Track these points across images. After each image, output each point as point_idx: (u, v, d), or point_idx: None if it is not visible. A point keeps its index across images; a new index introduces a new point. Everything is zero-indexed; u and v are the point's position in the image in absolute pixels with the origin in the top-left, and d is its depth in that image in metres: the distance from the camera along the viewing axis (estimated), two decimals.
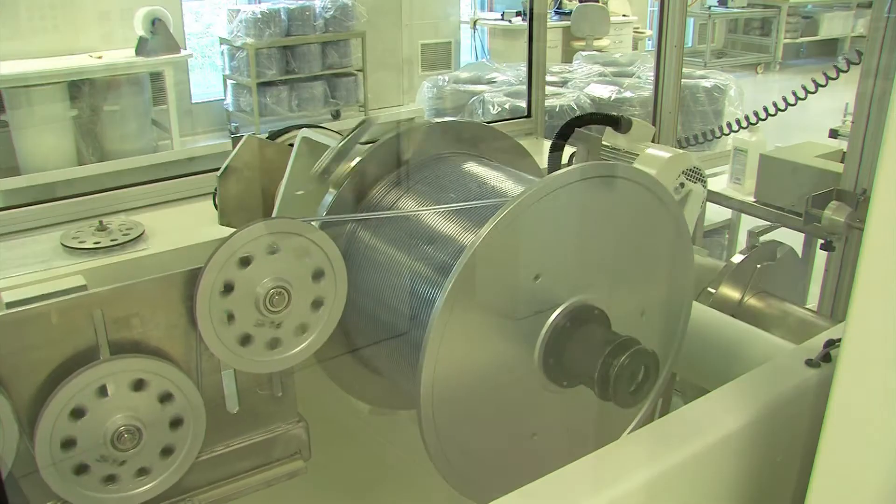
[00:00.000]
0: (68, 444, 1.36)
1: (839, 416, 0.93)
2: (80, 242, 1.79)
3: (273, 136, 1.82)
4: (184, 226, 1.99)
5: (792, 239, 2.94)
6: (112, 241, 1.80)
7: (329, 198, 1.45)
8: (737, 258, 1.93)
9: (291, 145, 1.66)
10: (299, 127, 1.69)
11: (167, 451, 1.44)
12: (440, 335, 1.08)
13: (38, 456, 1.33)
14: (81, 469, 1.37)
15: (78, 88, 5.66)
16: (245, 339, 1.43)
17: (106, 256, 1.79)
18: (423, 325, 1.10)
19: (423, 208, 1.35)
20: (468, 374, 1.16)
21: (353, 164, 1.46)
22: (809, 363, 1.27)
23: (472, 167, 1.46)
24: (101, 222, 1.86)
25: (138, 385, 1.39)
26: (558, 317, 1.16)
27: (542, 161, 1.92)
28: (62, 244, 1.79)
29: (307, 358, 1.93)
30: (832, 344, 1.28)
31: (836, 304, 2.30)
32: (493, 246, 1.09)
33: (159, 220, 1.96)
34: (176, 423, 1.43)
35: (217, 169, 2.09)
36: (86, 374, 1.33)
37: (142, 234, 1.85)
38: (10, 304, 1.51)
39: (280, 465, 1.60)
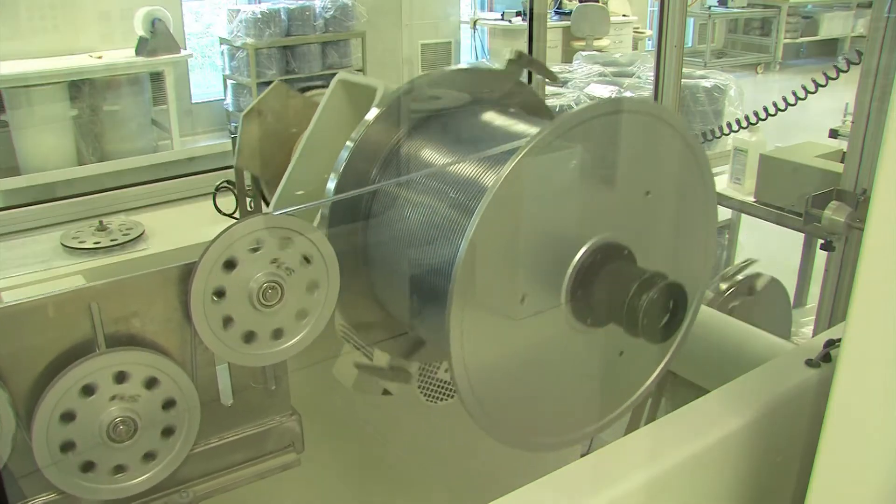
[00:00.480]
0: (65, 441, 1.37)
1: (839, 416, 0.93)
2: (80, 242, 1.79)
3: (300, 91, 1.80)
4: (184, 226, 1.99)
5: (792, 239, 2.95)
6: (112, 241, 1.81)
7: (345, 153, 1.41)
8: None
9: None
10: (325, 85, 1.66)
11: (165, 435, 1.46)
12: (467, 278, 1.06)
13: (36, 447, 1.35)
14: (82, 464, 1.39)
15: (78, 88, 5.65)
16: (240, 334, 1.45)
17: (106, 256, 1.79)
18: (448, 276, 1.07)
19: (438, 164, 1.33)
20: (496, 318, 1.14)
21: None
22: (809, 363, 1.27)
23: (488, 114, 1.43)
24: (101, 222, 1.86)
25: (134, 378, 1.41)
26: (583, 255, 1.13)
27: None
28: (62, 244, 1.79)
29: (307, 359, 1.95)
30: (832, 344, 1.28)
31: (836, 304, 2.30)
32: (513, 187, 1.06)
33: (159, 220, 1.96)
34: (170, 413, 1.45)
35: (217, 169, 2.09)
36: (82, 366, 1.36)
37: (142, 234, 1.85)
38: None
39: (273, 458, 1.64)
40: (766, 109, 2.66)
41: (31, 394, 1.35)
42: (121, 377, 1.40)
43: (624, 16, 9.73)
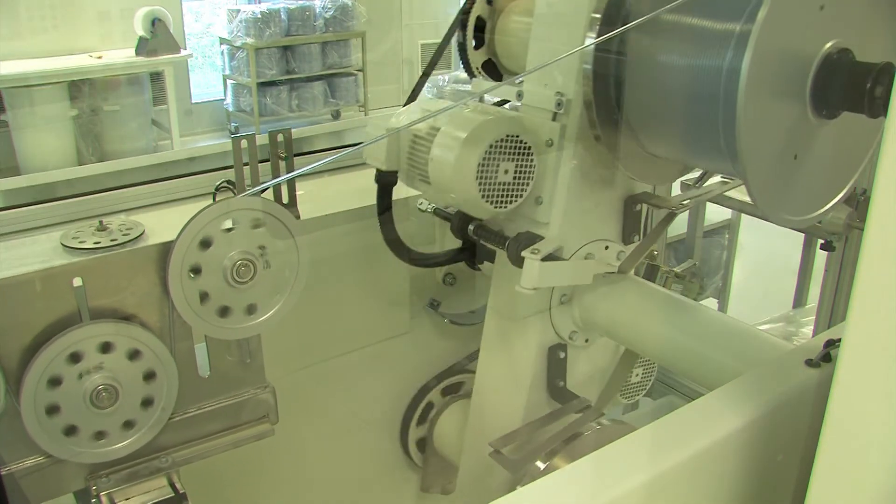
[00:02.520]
0: (52, 407, 1.46)
1: (839, 416, 0.93)
2: (80, 242, 1.79)
3: None
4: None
5: (792, 239, 2.95)
6: (112, 241, 1.80)
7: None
8: None
9: None
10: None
11: (146, 404, 1.56)
12: (752, 88, 1.23)
13: (24, 412, 1.43)
14: (67, 429, 1.50)
15: (78, 88, 5.65)
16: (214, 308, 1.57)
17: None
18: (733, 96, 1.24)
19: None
20: (777, 119, 1.32)
21: None
22: (809, 363, 1.27)
23: None
24: (101, 222, 1.86)
25: (113, 347, 1.50)
26: (820, 60, 1.31)
27: None
28: (62, 244, 1.79)
29: (302, 361, 1.99)
30: (832, 344, 1.28)
31: (836, 304, 2.31)
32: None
33: (159, 220, 1.96)
34: (150, 381, 1.55)
35: (217, 169, 2.11)
36: (68, 335, 1.44)
37: (142, 234, 1.85)
38: None
39: (249, 428, 1.71)
40: None
41: (20, 363, 1.42)
42: (105, 347, 1.49)
43: None
